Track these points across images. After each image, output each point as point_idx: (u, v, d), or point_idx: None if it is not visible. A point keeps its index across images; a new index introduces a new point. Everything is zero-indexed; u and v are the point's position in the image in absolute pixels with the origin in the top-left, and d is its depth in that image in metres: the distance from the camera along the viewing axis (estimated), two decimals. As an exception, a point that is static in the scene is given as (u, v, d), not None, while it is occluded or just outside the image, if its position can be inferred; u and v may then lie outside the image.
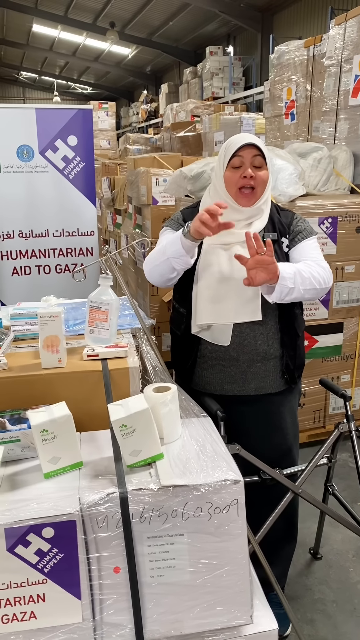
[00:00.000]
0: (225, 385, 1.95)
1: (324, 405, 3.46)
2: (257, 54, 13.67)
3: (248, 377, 1.94)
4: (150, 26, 16.26)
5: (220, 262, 1.85)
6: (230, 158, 1.82)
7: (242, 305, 1.84)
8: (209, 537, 1.20)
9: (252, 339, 1.90)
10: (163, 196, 4.02)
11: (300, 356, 2.02)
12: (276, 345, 1.93)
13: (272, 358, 1.94)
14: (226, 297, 1.84)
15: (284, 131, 4.76)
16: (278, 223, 1.94)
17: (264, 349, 1.91)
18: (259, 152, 1.82)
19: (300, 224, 1.98)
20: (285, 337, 1.94)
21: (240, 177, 1.81)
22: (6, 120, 3.65)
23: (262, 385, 1.95)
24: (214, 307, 1.85)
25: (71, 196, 3.84)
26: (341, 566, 2.49)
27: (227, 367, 1.93)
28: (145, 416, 1.26)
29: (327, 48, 3.92)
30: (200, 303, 1.87)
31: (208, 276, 1.86)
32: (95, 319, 1.69)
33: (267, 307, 1.87)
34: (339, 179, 3.46)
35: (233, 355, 1.91)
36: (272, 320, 1.91)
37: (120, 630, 1.20)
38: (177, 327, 2.02)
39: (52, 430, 1.26)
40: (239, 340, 1.89)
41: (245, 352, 1.90)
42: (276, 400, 2.00)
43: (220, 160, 1.87)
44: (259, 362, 1.92)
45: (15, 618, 1.16)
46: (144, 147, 8.97)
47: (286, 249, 1.93)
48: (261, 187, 1.83)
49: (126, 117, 21.97)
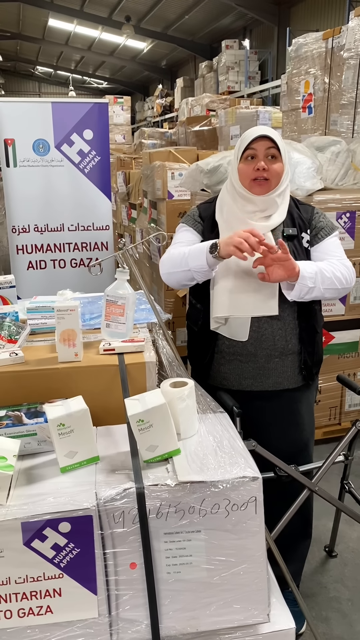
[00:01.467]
0: (243, 380, 1.94)
1: (339, 402, 3.43)
2: (274, 47, 13.55)
3: (266, 372, 1.92)
4: (165, 20, 16.19)
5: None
6: (244, 150, 1.81)
7: (259, 300, 1.82)
8: (227, 534, 1.18)
9: (270, 334, 1.88)
10: (179, 190, 4.00)
11: (318, 353, 2.00)
12: (294, 341, 1.91)
13: (290, 354, 1.92)
14: (244, 291, 1.82)
15: (301, 125, 4.71)
16: (297, 218, 1.91)
17: (282, 344, 1.89)
18: (273, 145, 1.80)
19: (322, 219, 1.95)
20: (304, 334, 1.92)
21: (253, 169, 1.80)
22: (22, 114, 3.65)
23: (280, 381, 1.94)
24: (232, 300, 1.84)
25: (86, 190, 3.84)
26: (357, 564, 2.47)
27: (245, 363, 1.92)
28: (162, 411, 1.25)
29: (347, 40, 3.87)
30: (218, 296, 1.86)
31: (226, 270, 1.84)
32: (111, 313, 1.68)
33: (285, 303, 1.85)
34: (357, 173, 3.41)
35: (251, 350, 1.89)
36: (290, 316, 1.89)
37: (136, 626, 1.19)
38: (194, 323, 2.01)
39: (68, 425, 1.25)
40: (257, 336, 1.88)
41: (263, 348, 1.89)
42: (294, 396, 1.98)
43: (235, 153, 1.87)
44: (276, 358, 1.91)
45: (32, 612, 1.16)
46: (159, 142, 8.93)
47: (306, 244, 1.90)
48: (275, 179, 1.82)
49: (141, 111, 21.93)
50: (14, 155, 3.70)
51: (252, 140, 1.80)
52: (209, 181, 3.15)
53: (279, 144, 1.81)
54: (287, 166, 1.86)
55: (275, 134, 1.83)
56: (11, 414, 1.40)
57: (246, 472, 1.18)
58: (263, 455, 1.82)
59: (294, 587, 1.83)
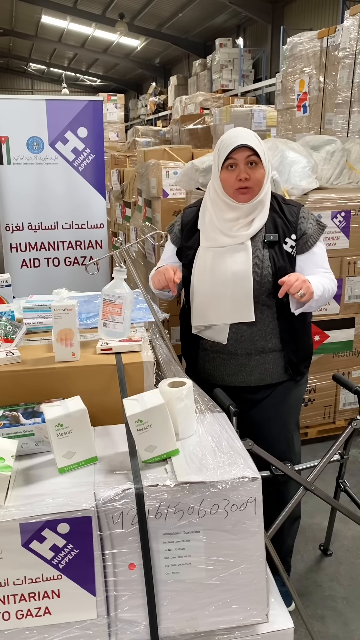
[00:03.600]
0: (226, 377, 1.99)
1: (334, 401, 3.43)
2: (267, 45, 13.56)
3: (247, 369, 1.96)
4: (159, 17, 16.15)
5: (214, 264, 1.89)
6: (225, 160, 1.82)
7: (235, 308, 1.88)
8: (226, 535, 1.18)
9: (249, 335, 1.92)
10: (173, 189, 3.99)
11: (304, 348, 2.02)
12: (275, 341, 1.95)
13: (271, 352, 1.95)
14: (220, 299, 1.89)
15: (295, 124, 4.72)
16: (281, 222, 1.91)
17: (261, 344, 1.93)
18: (252, 152, 1.80)
19: (310, 224, 1.94)
20: (285, 334, 1.95)
21: (236, 179, 1.82)
22: (16, 112, 3.63)
23: (262, 377, 1.97)
24: (208, 309, 1.91)
25: (81, 188, 3.82)
26: (352, 563, 2.47)
27: (227, 360, 1.97)
28: (161, 411, 1.24)
29: (342, 39, 3.88)
30: (196, 306, 1.95)
31: (202, 279, 1.91)
32: (109, 312, 1.67)
33: (263, 306, 1.90)
34: (352, 172, 3.42)
35: (231, 350, 1.95)
36: (269, 318, 1.92)
37: (135, 627, 1.19)
38: (183, 321, 2.09)
39: (67, 425, 1.25)
40: (236, 337, 1.92)
41: (242, 347, 1.94)
42: (279, 390, 2.01)
43: (215, 161, 1.88)
44: (257, 355, 1.95)
45: (30, 614, 1.15)
46: (153, 140, 8.93)
47: (290, 249, 1.91)
48: (257, 186, 1.85)
49: (135, 109, 21.88)
50: (7, 152, 3.68)
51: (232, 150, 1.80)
52: (205, 180, 3.15)
53: (258, 150, 1.81)
54: (267, 168, 1.87)
55: (253, 140, 1.82)
56: (8, 414, 1.40)
57: (245, 472, 1.18)
58: (259, 454, 1.82)
59: (283, 572, 1.83)
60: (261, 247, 1.88)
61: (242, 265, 1.85)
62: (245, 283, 1.85)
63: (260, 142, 1.84)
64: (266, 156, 1.86)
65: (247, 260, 1.85)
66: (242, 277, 1.85)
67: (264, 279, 1.86)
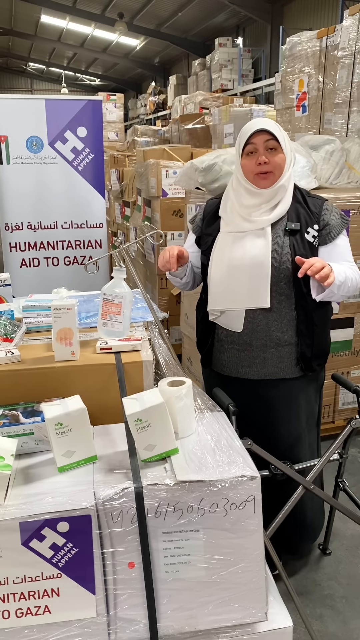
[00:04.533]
0: (240, 368, 1.98)
1: (333, 400, 3.44)
2: (267, 45, 13.55)
3: (262, 361, 1.95)
4: (159, 17, 16.14)
5: (233, 249, 1.89)
6: (245, 146, 1.85)
7: (252, 293, 1.87)
8: (225, 534, 1.18)
9: (265, 325, 1.91)
10: (173, 188, 4.00)
11: (319, 345, 2.00)
12: (291, 333, 1.93)
13: (286, 345, 1.94)
14: (237, 284, 1.88)
15: (295, 123, 4.72)
16: (304, 212, 1.92)
17: (277, 335, 1.92)
18: (271, 137, 1.82)
19: (333, 216, 1.94)
20: (302, 326, 1.93)
21: (255, 163, 1.84)
22: (16, 111, 3.63)
23: (276, 371, 1.96)
24: (225, 293, 1.90)
25: (80, 188, 3.82)
26: (351, 562, 2.48)
27: (241, 352, 1.96)
28: (160, 410, 1.24)
29: (341, 39, 3.88)
30: (212, 290, 1.93)
31: (220, 263, 1.91)
32: (108, 311, 1.68)
33: (281, 295, 1.88)
34: (351, 172, 3.42)
35: (246, 340, 1.94)
36: (287, 308, 1.91)
37: (134, 625, 1.19)
38: (200, 311, 2.08)
39: (66, 424, 1.25)
40: (252, 326, 1.92)
41: (257, 338, 1.92)
42: (292, 386, 2.00)
43: (236, 149, 1.91)
44: (272, 348, 1.94)
45: (30, 612, 1.15)
46: (152, 139, 8.92)
47: (312, 239, 1.90)
48: (278, 170, 1.85)
49: (134, 109, 21.86)
50: (7, 152, 3.68)
51: (250, 135, 1.83)
52: (204, 179, 3.14)
53: (278, 135, 1.83)
54: (289, 155, 1.87)
55: (273, 126, 1.84)
56: (8, 413, 1.40)
57: (245, 471, 1.19)
58: (258, 454, 1.83)
59: (282, 571, 1.84)
60: (282, 235, 1.88)
61: (260, 250, 1.84)
62: (263, 268, 1.84)
63: (280, 130, 1.87)
64: (287, 143, 1.87)
65: (266, 246, 1.84)
66: (260, 262, 1.84)
67: (283, 265, 1.85)
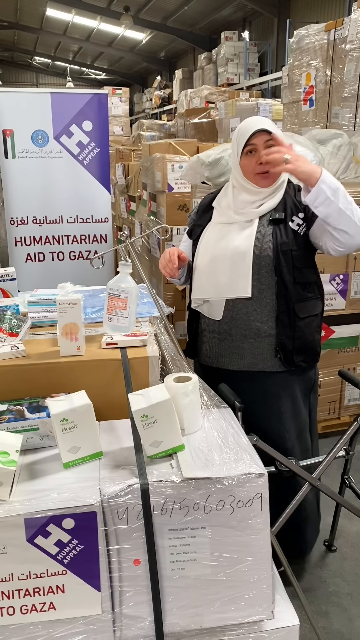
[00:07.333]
0: (220, 358, 2.00)
1: (339, 397, 3.42)
2: (273, 39, 13.45)
3: (240, 352, 1.96)
4: (165, 10, 16.05)
5: (218, 239, 1.92)
6: (244, 146, 1.86)
7: (233, 282, 1.89)
8: (231, 531, 1.17)
9: (245, 314, 1.92)
10: (179, 183, 3.97)
11: (302, 339, 1.95)
12: (271, 323, 1.92)
13: (266, 336, 1.94)
14: (219, 273, 1.91)
15: (302, 117, 4.68)
16: (290, 203, 1.92)
17: (256, 325, 1.92)
18: (270, 137, 1.84)
19: None
20: (283, 316, 1.91)
21: (255, 163, 1.86)
22: (21, 105, 3.61)
23: (255, 362, 1.96)
24: (208, 282, 1.94)
25: (86, 182, 3.80)
26: (356, 559, 2.47)
27: (222, 341, 1.98)
28: (166, 406, 1.23)
29: (349, 32, 3.84)
30: (196, 279, 1.98)
31: (205, 253, 1.95)
32: (114, 306, 1.66)
33: (262, 284, 1.89)
34: (358, 166, 3.39)
35: (226, 329, 1.96)
36: (268, 298, 1.91)
37: (140, 622, 1.18)
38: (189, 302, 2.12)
39: (72, 420, 1.24)
40: (232, 315, 1.93)
41: (237, 327, 1.94)
42: (273, 381, 1.98)
43: (234, 149, 1.92)
44: (251, 339, 1.94)
45: (35, 609, 1.15)
46: (158, 134, 8.88)
47: (296, 227, 1.89)
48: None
49: (139, 103, 21.79)
50: (12, 146, 3.67)
51: (250, 136, 1.84)
52: (210, 173, 3.12)
53: (277, 135, 1.84)
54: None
55: (271, 125, 1.86)
56: (13, 408, 1.39)
57: (252, 468, 1.17)
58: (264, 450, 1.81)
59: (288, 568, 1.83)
60: (265, 224, 1.90)
61: (243, 241, 1.88)
62: (245, 257, 1.86)
63: (277, 129, 1.89)
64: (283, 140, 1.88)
65: (250, 236, 1.88)
66: (242, 252, 1.87)
67: (264, 253, 1.87)
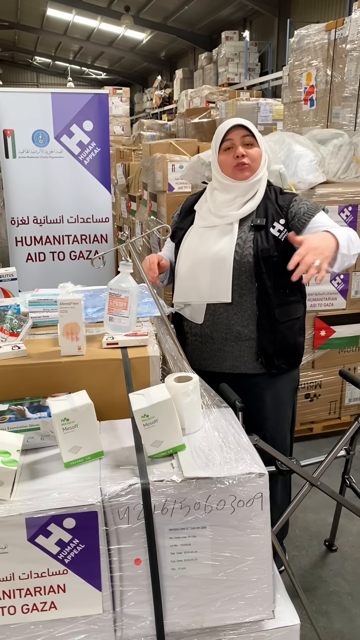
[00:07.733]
0: (202, 361, 2.02)
1: (339, 397, 3.42)
2: (274, 39, 13.46)
3: (222, 355, 1.98)
4: (165, 10, 16.05)
5: (199, 244, 1.94)
6: (221, 143, 1.90)
7: (213, 287, 1.90)
8: (232, 531, 1.17)
9: (226, 318, 1.93)
10: (179, 183, 3.97)
11: (284, 342, 1.96)
12: (252, 327, 1.93)
13: (246, 339, 1.95)
14: (200, 278, 1.92)
15: (302, 117, 4.68)
16: (272, 208, 1.92)
17: (237, 329, 1.94)
18: (248, 132, 1.88)
19: (302, 205, 1.92)
20: (263, 320, 1.92)
21: (233, 157, 1.88)
22: (22, 105, 3.61)
23: (236, 365, 1.98)
24: (189, 287, 1.96)
25: (86, 182, 3.81)
26: (357, 558, 2.47)
27: (203, 344, 2.00)
28: (167, 406, 1.23)
29: (349, 32, 3.83)
30: (178, 282, 2.00)
31: (186, 257, 1.97)
32: (114, 306, 1.66)
33: (242, 289, 1.90)
34: (359, 166, 3.39)
35: (207, 332, 1.98)
36: (248, 303, 1.92)
37: (141, 622, 1.19)
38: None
39: (73, 419, 1.24)
40: (213, 319, 1.95)
41: (218, 330, 1.95)
42: (255, 382, 1.98)
43: (213, 148, 1.96)
44: (232, 342, 1.96)
45: (35, 608, 1.15)
46: (158, 134, 8.89)
47: (277, 234, 1.90)
48: (255, 163, 1.91)
49: (140, 103, 21.79)
50: (13, 146, 3.67)
51: (227, 132, 1.88)
52: (211, 173, 3.12)
53: (253, 131, 1.89)
54: (264, 152, 1.93)
55: (247, 122, 1.90)
56: (14, 408, 1.39)
57: (252, 468, 1.17)
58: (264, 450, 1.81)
59: (288, 568, 1.83)
60: (247, 230, 1.91)
61: (224, 246, 1.88)
62: (225, 263, 1.87)
63: (254, 127, 1.92)
64: (262, 141, 1.94)
65: (230, 242, 1.88)
66: (222, 257, 1.87)
67: (244, 259, 1.87)
